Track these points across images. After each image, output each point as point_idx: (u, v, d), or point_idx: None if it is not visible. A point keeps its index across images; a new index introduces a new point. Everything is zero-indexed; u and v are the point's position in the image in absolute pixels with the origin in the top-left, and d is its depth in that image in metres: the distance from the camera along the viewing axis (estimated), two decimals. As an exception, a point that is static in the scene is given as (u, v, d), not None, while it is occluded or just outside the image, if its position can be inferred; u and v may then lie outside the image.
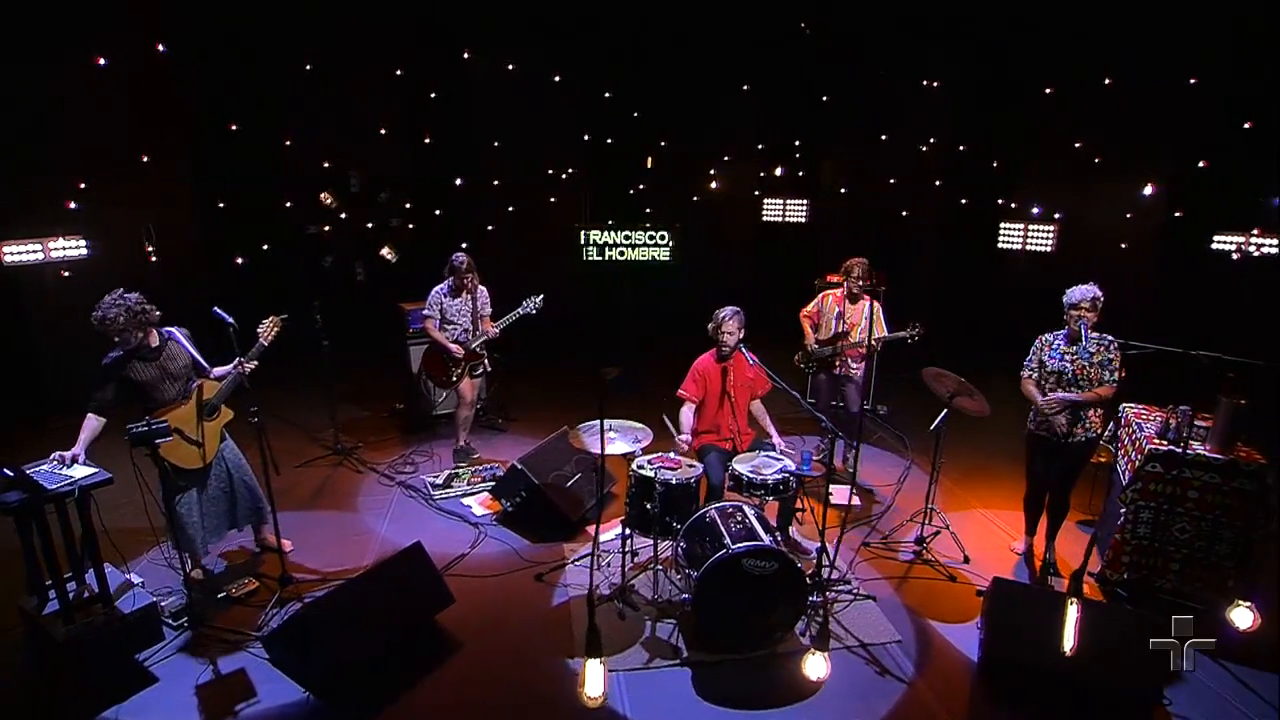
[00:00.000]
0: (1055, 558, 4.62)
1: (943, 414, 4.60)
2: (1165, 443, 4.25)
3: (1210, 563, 4.20)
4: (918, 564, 4.72)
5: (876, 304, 5.71)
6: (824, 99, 9.26)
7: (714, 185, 9.87)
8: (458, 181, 8.86)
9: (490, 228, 9.16)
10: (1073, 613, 3.04)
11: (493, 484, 5.55)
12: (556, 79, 8.82)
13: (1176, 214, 7.37)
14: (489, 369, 6.15)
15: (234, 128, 7.98)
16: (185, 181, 8.09)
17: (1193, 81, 7.12)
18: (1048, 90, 8.14)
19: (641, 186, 9.67)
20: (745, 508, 4.14)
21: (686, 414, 4.82)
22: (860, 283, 5.57)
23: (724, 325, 4.69)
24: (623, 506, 5.08)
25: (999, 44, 8.38)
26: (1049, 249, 8.49)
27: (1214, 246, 7.42)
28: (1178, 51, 7.24)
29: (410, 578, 3.91)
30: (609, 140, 9.39)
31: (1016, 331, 6.72)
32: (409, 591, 3.88)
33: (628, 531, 4.34)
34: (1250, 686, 3.60)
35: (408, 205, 8.91)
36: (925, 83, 8.78)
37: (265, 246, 8.46)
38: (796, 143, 9.74)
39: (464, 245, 8.27)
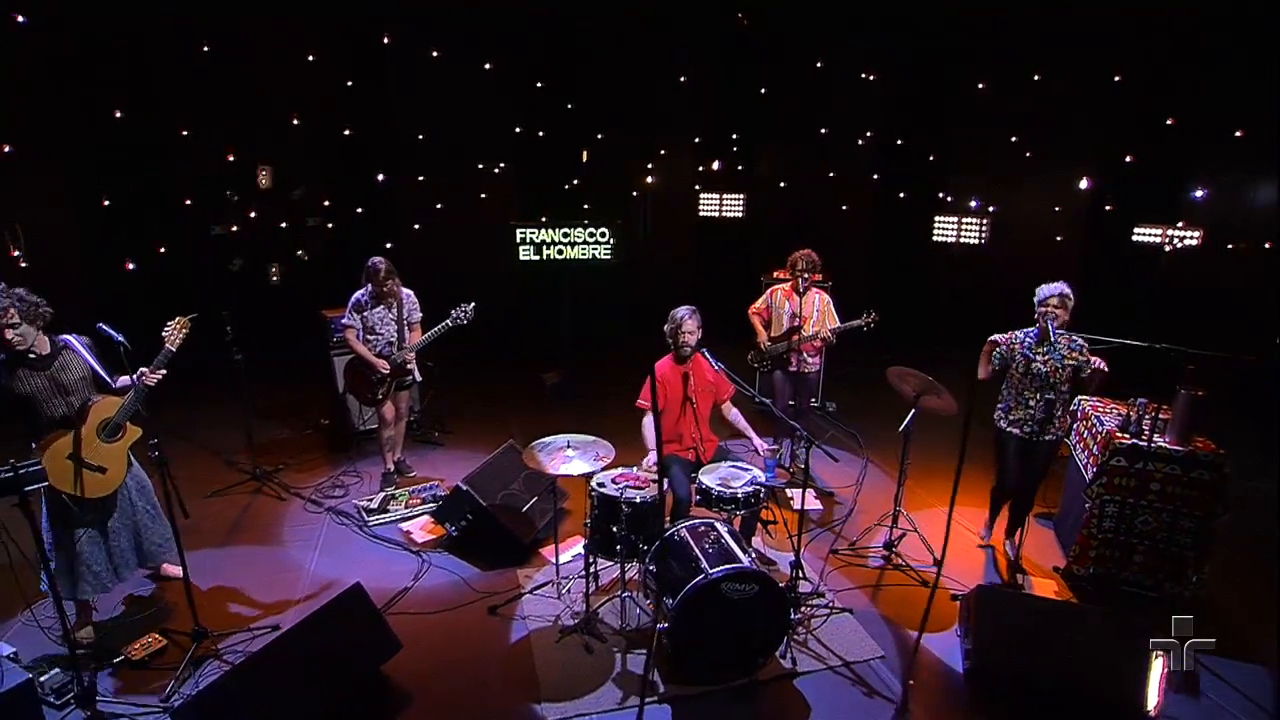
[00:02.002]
0: (1020, 554, 4.59)
1: (911, 414, 4.47)
2: (1128, 436, 4.25)
3: (1171, 553, 4.23)
4: (889, 569, 4.58)
5: (826, 295, 5.63)
6: (762, 91, 9.10)
7: (649, 180, 9.57)
8: (380, 177, 8.23)
9: (417, 226, 8.58)
10: (1158, 668, 2.94)
11: (434, 506, 5.10)
12: (486, 66, 8.31)
13: (1107, 207, 7.57)
14: (419, 378, 5.67)
15: (118, 115, 7.10)
16: (59, 175, 7.15)
17: (1117, 79, 7.33)
18: (980, 85, 8.24)
19: (576, 182, 9.28)
20: (718, 524, 3.88)
21: (649, 426, 4.51)
22: (806, 275, 5.43)
23: (683, 326, 4.41)
24: (578, 524, 4.77)
25: (932, 36, 8.43)
26: (981, 241, 8.64)
27: (1135, 239, 7.70)
28: (1103, 48, 7.44)
29: (350, 626, 3.45)
30: (541, 133, 8.95)
31: (953, 324, 6.78)
32: (349, 642, 3.41)
33: (590, 557, 4.00)
34: (1225, 679, 3.60)
35: (326, 202, 8.22)
36: (862, 75, 8.75)
37: (162, 250, 7.62)
38: (734, 135, 9.56)
39: (388, 245, 7.72)
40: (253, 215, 7.94)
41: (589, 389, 7.63)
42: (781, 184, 9.57)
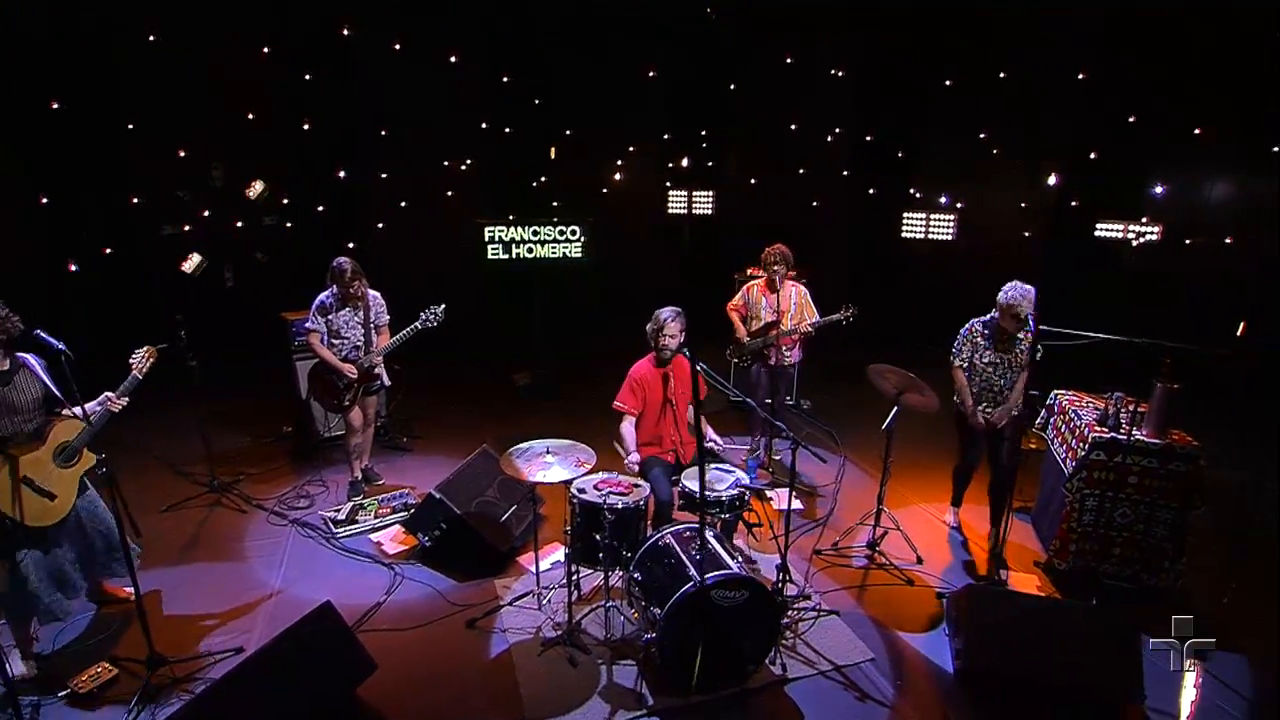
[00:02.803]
0: (1004, 543, 4.58)
1: (893, 412, 4.44)
2: (1106, 430, 4.27)
3: (1149, 545, 4.27)
4: (873, 569, 4.54)
5: (803, 289, 5.62)
6: (731, 87, 9.04)
7: (618, 178, 9.44)
8: (341, 174, 7.94)
9: (381, 225, 8.31)
10: (1191, 679, 2.92)
11: (405, 515, 4.91)
12: (452, 59, 8.07)
13: (1074, 203, 7.68)
14: (387, 383, 5.46)
15: (56, 106, 6.71)
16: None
17: (1081, 76, 7.44)
18: (947, 83, 8.30)
19: (544, 179, 9.10)
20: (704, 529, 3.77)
21: (628, 429, 4.40)
22: (779, 269, 5.45)
23: (665, 328, 4.30)
24: (556, 531, 4.64)
25: (901, 33, 8.48)
26: (950, 237, 8.72)
27: (1098, 234, 7.84)
28: (1067, 46, 7.55)
29: (320, 647, 3.25)
30: (508, 130, 8.75)
31: (923, 319, 6.80)
32: (320, 664, 3.23)
33: (572, 566, 3.87)
34: (1207, 669, 3.63)
35: (285, 201, 7.90)
36: (832, 72, 8.75)
37: (108, 250, 7.24)
38: (703, 132, 9.49)
39: (351, 246, 7.46)
40: (207, 215, 7.58)
41: (561, 390, 7.48)
42: (752, 180, 9.52)
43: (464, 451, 5.05)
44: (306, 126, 7.71)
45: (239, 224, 7.70)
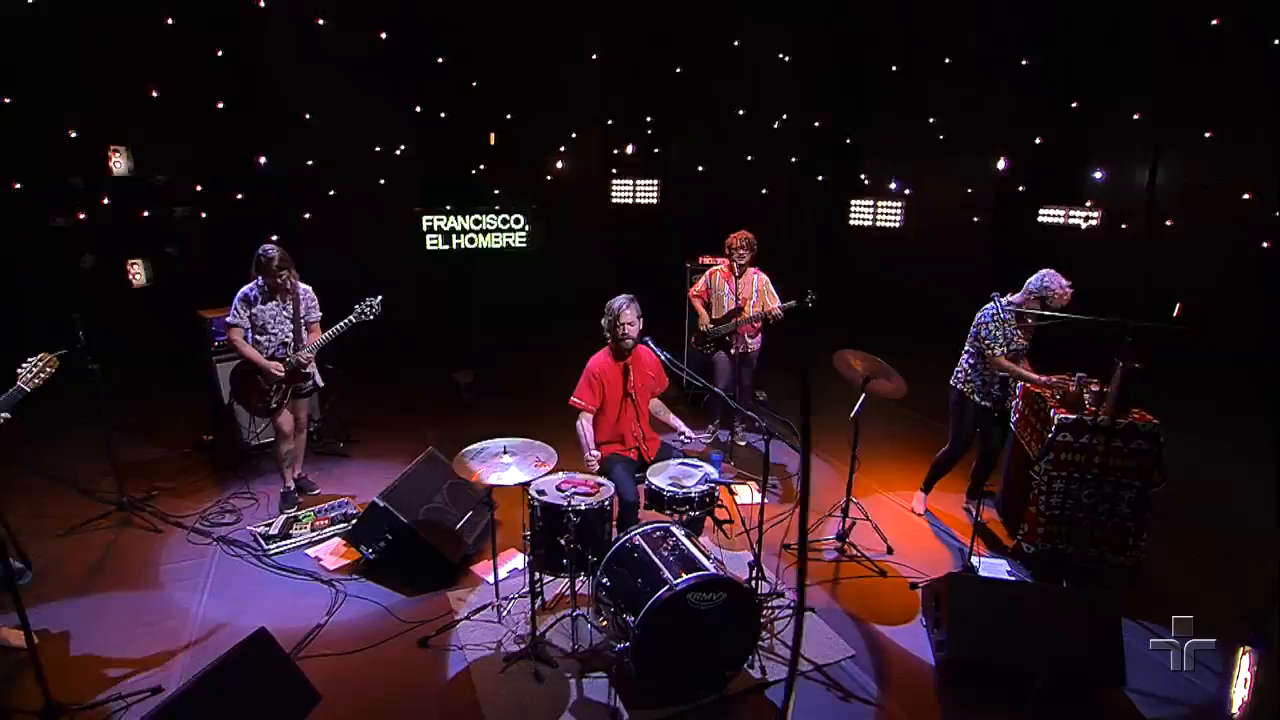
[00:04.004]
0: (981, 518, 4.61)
1: (861, 399, 4.37)
2: (1071, 411, 4.30)
3: (1113, 524, 4.32)
4: (844, 561, 4.47)
5: (764, 275, 5.59)
6: (677, 71, 8.89)
7: (560, 165, 9.17)
8: (261, 160, 7.41)
9: (308, 216, 7.81)
10: (1245, 664, 2.86)
11: (346, 526, 4.57)
12: (382, 36, 7.63)
13: (1020, 188, 7.85)
14: (320, 383, 5.09)
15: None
16: None
17: (1024, 62, 7.59)
18: (894, 68, 8.37)
19: (483, 166, 8.75)
20: (674, 529, 3.61)
21: (586, 426, 4.19)
22: (744, 255, 5.50)
23: (622, 316, 4.11)
24: (513, 536, 4.39)
25: (847, 18, 8.50)
26: (897, 225, 8.82)
27: (1041, 220, 8.05)
28: (1012, 30, 7.69)
29: (255, 680, 2.92)
30: (444, 114, 8.36)
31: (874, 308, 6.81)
32: (256, 700, 2.89)
33: (534, 574, 3.63)
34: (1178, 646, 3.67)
35: (198, 188, 7.31)
36: (779, 56, 8.70)
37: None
38: (648, 118, 9.32)
39: (274, 239, 6.92)
40: (106, 204, 6.95)
41: (509, 388, 7.20)
42: (699, 168, 9.41)
43: (406, 456, 4.74)
44: (220, 106, 7.15)
45: (145, 214, 7.09)
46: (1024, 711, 3.21)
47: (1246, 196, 6.65)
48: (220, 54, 7.08)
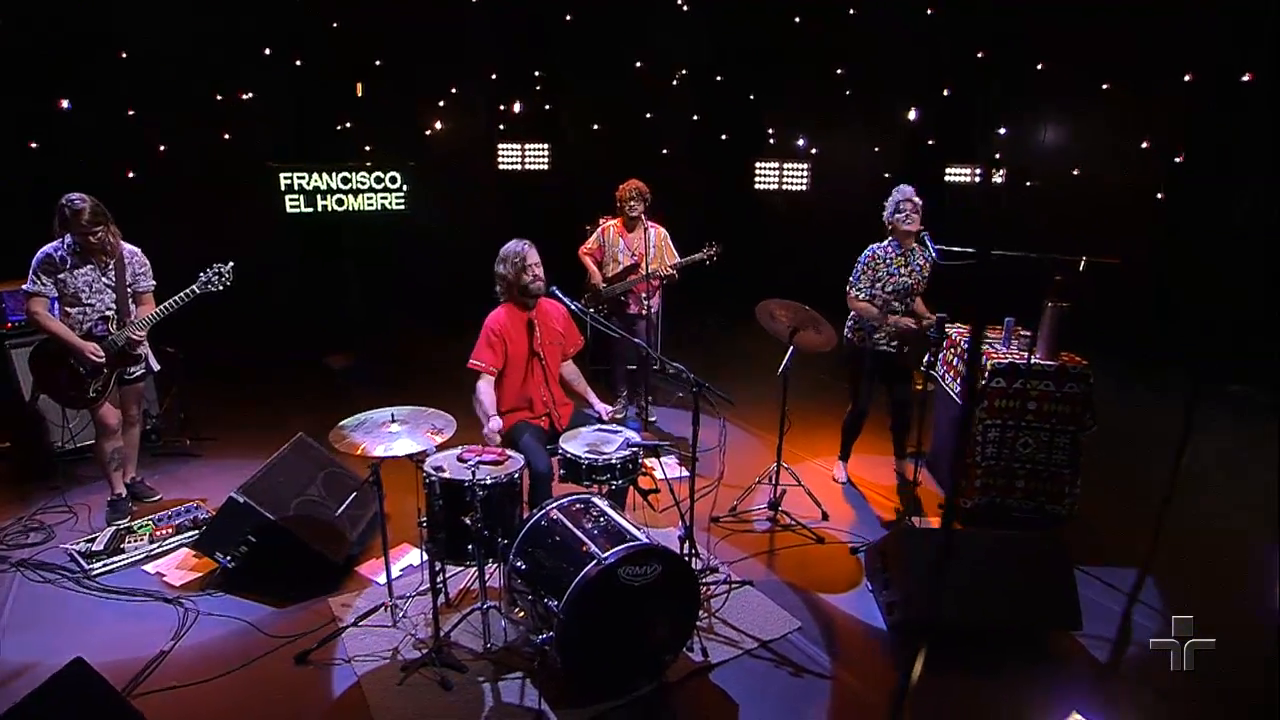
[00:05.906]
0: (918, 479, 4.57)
1: (789, 353, 4.24)
2: (1003, 355, 4.36)
3: (1050, 473, 4.41)
4: (778, 531, 4.34)
5: (662, 229, 5.38)
6: (567, 18, 8.52)
7: (439, 125, 8.60)
8: (64, 104, 6.45)
9: (132, 175, 6.90)
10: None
11: (195, 534, 3.99)
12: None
13: (930, 141, 8.05)
14: (155, 367, 4.46)
15: None
16: None
17: (930, 11, 7.77)
18: (796, 19, 8.38)
19: (350, 123, 8.07)
20: (595, 499, 3.35)
21: (486, 390, 3.83)
22: (636, 206, 5.29)
23: (528, 258, 3.81)
24: (405, 529, 3.99)
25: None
26: (804, 188, 8.87)
27: (948, 179, 8.31)
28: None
29: (71, 723, 2.41)
30: (299, 61, 7.63)
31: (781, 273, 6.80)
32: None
33: (434, 565, 3.26)
34: (1118, 588, 3.77)
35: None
36: (678, 3, 8.51)
37: None
38: (537, 73, 8.90)
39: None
40: None
41: (391, 371, 6.65)
42: (594, 126, 9.10)
43: (270, 452, 4.17)
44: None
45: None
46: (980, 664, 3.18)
47: (1144, 145, 7.09)
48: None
